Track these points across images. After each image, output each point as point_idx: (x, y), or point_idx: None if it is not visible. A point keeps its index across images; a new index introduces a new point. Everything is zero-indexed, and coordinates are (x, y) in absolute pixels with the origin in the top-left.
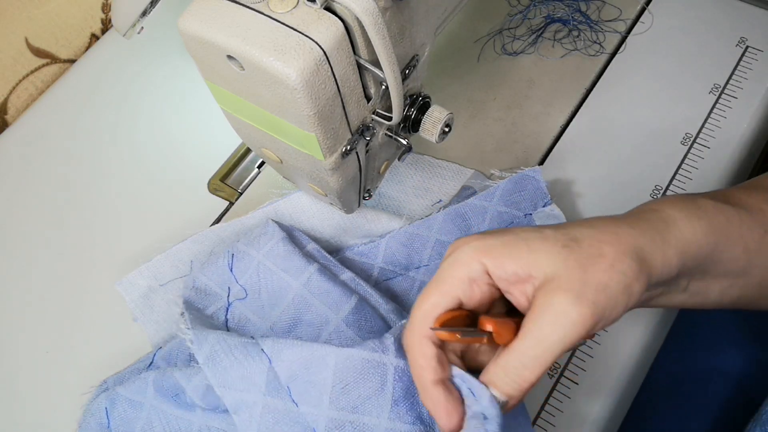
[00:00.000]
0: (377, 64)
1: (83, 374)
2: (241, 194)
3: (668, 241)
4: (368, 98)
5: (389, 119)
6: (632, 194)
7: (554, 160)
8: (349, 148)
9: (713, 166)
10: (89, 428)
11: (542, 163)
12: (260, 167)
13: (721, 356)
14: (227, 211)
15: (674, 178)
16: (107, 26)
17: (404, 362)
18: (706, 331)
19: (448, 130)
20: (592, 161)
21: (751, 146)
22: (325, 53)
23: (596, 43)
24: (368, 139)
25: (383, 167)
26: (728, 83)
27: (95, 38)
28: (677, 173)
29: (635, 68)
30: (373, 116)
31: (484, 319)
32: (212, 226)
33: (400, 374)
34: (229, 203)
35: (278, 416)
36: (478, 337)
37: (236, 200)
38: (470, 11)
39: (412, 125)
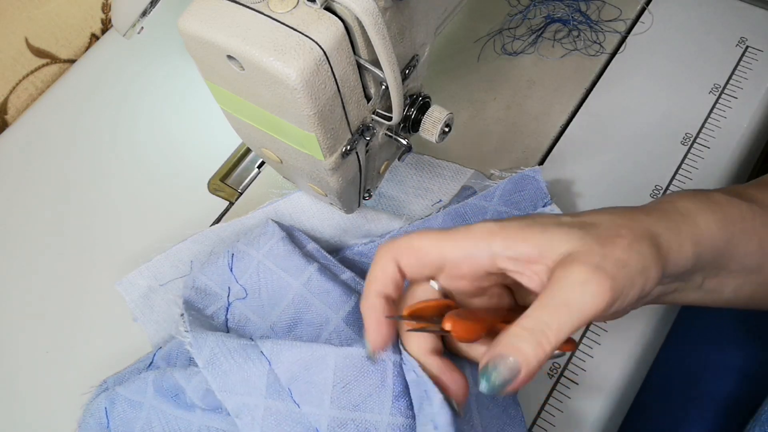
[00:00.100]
0: (377, 64)
1: (83, 374)
2: (241, 194)
3: (683, 231)
4: (368, 98)
5: (389, 119)
6: (632, 194)
7: (554, 160)
8: (349, 148)
9: (713, 165)
10: (89, 428)
11: (542, 163)
12: (260, 167)
13: (721, 356)
14: (227, 211)
15: (674, 177)
16: (107, 26)
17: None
18: (706, 331)
19: (448, 130)
20: (592, 161)
21: (751, 146)
22: (325, 53)
23: (596, 43)
24: (368, 139)
25: (383, 167)
26: (728, 83)
27: (95, 38)
28: (677, 173)
29: (635, 68)
30: (373, 116)
31: (447, 316)
32: (212, 226)
33: (399, 369)
34: (229, 203)
35: (280, 418)
36: (438, 333)
37: (236, 200)
38: (470, 11)
39: (412, 125)
